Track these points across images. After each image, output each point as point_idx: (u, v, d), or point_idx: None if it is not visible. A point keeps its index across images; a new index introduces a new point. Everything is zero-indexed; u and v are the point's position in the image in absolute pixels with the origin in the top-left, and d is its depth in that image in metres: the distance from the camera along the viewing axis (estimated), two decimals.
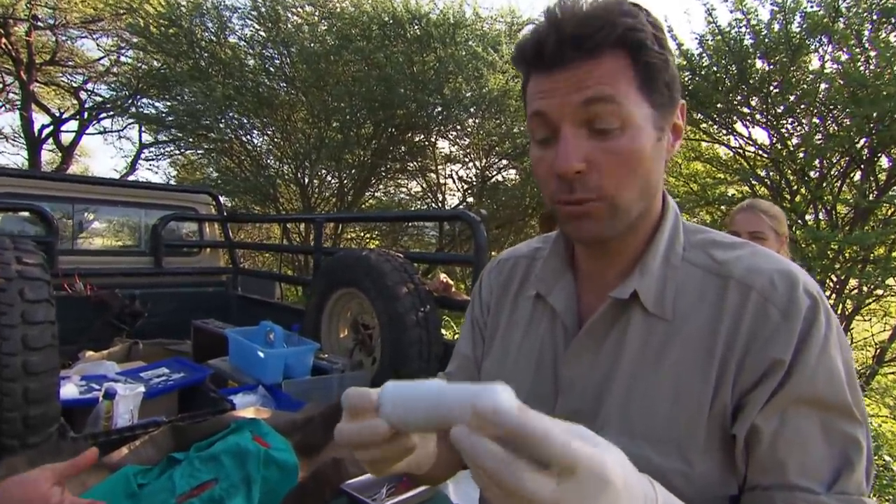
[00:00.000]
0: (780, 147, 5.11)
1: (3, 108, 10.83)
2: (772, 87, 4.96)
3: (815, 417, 0.49)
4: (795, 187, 5.12)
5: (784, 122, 5.12)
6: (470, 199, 8.02)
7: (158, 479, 1.24)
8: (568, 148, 0.51)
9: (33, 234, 2.77)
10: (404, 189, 9.23)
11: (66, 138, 10.70)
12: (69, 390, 1.42)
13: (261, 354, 1.83)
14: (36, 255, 1.33)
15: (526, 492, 0.33)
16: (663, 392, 0.53)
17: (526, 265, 0.72)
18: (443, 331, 2.34)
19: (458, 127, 7.76)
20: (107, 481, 1.18)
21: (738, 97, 5.29)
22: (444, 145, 8.40)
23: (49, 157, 11.85)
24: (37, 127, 9.79)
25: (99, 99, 10.09)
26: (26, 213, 2.90)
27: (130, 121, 9.72)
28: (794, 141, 5.10)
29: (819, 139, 4.68)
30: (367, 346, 2.25)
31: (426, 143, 8.06)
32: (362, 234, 9.06)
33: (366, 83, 6.48)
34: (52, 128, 10.07)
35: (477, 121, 7.46)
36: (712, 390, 0.51)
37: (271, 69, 7.41)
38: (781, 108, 5.04)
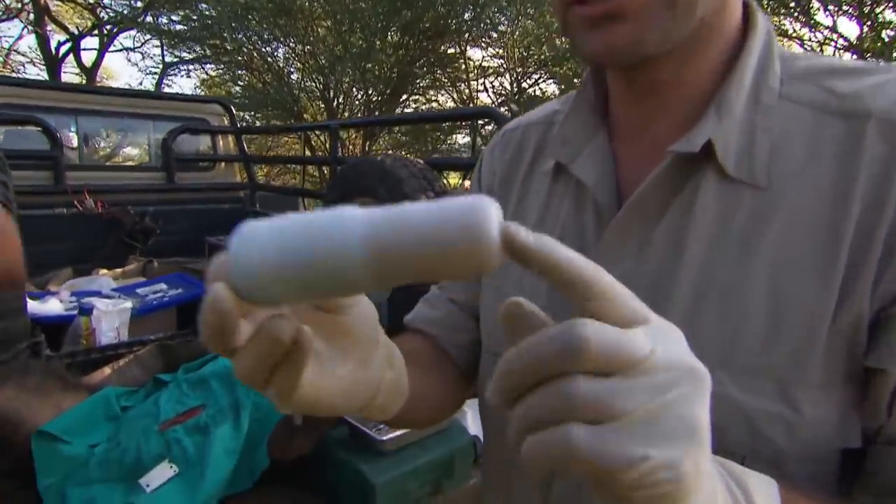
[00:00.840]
0: (872, 41, 4.33)
1: (27, 31, 10.61)
2: None
3: None
4: None
5: (881, 7, 4.29)
6: (504, 110, 7.50)
7: (143, 403, 1.12)
8: None
9: (38, 148, 2.62)
10: (435, 103, 8.72)
11: (88, 60, 10.49)
12: (52, 306, 1.30)
13: None
14: None
15: (624, 349, 0.22)
16: (754, 298, 0.37)
17: (541, 133, 0.54)
18: None
19: (493, 33, 7.07)
20: (86, 402, 1.07)
21: None
22: (476, 55, 7.77)
23: (73, 79, 11.73)
24: (54, 46, 9.54)
25: (117, 15, 9.69)
26: (30, 127, 2.74)
27: (148, 36, 9.37)
28: (890, 33, 4.30)
29: None
30: None
31: (457, 52, 7.45)
32: (391, 151, 8.75)
33: None
34: (69, 44, 9.81)
35: (512, 19, 6.75)
36: (837, 294, 0.35)
37: None
38: None
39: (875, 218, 0.35)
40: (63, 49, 9.81)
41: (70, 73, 11.05)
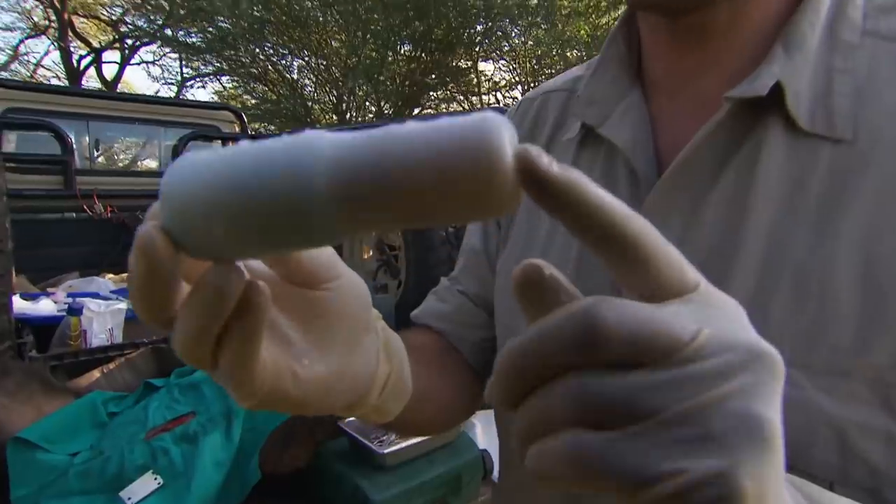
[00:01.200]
0: None
1: (53, 46, 10.91)
2: None
3: None
4: None
5: None
6: None
7: (132, 409, 1.05)
8: None
9: (48, 152, 2.62)
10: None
11: (109, 74, 10.75)
12: (44, 306, 1.25)
13: None
14: None
15: (656, 331, 0.17)
16: (840, 278, 0.30)
17: (562, 100, 0.48)
18: None
19: (504, 44, 7.09)
20: (70, 407, 1.00)
21: None
22: (487, 69, 7.83)
23: None
24: (76, 60, 9.80)
25: (136, 31, 9.95)
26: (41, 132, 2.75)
27: (167, 49, 9.59)
28: None
29: None
30: (391, 268, 2.00)
31: (469, 66, 7.51)
32: None
33: None
34: (91, 58, 10.06)
35: (524, 30, 6.77)
36: None
37: None
38: None
39: None
40: (84, 62, 10.08)
41: (92, 87, 11.33)
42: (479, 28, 6.69)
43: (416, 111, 8.29)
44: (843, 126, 0.31)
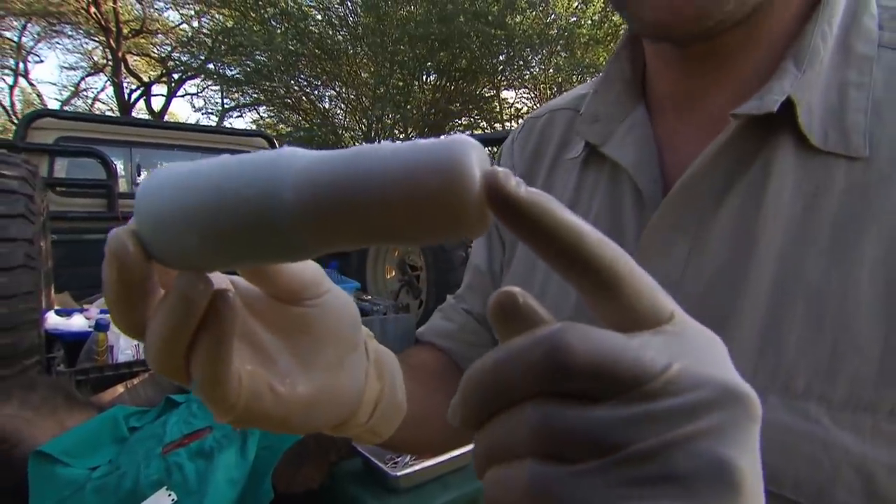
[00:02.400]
0: None
1: (108, 82, 11.72)
2: None
3: None
4: None
5: None
6: None
7: (152, 424, 1.06)
8: None
9: (94, 177, 2.76)
10: None
11: (157, 106, 11.44)
12: (76, 322, 1.29)
13: None
14: (18, 167, 1.16)
15: (625, 363, 0.16)
16: (861, 305, 0.28)
17: (568, 118, 0.47)
18: None
19: (525, 73, 7.19)
20: (92, 422, 1.02)
21: None
22: (510, 97, 7.95)
23: None
24: (127, 93, 10.51)
25: (182, 66, 10.61)
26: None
27: (209, 82, 10.15)
28: None
29: None
30: (413, 288, 2.00)
31: (492, 94, 7.65)
32: None
33: (425, 24, 6.12)
34: (140, 91, 10.75)
35: (544, 57, 6.86)
36: None
37: (335, 20, 7.26)
38: None
39: None
40: (135, 95, 10.80)
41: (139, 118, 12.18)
42: (501, 57, 6.82)
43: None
44: (858, 143, 0.30)
